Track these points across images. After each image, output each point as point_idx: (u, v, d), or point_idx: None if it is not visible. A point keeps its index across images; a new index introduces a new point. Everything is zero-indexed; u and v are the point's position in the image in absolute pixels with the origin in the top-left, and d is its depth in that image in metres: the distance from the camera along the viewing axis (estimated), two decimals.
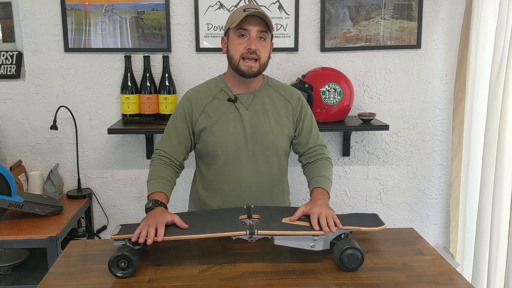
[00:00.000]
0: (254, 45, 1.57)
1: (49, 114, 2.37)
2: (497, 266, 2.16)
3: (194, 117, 1.67)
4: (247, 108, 1.66)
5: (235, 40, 1.60)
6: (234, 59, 1.60)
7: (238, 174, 1.65)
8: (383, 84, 2.45)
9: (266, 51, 1.61)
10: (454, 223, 2.47)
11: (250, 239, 1.34)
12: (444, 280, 1.25)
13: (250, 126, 1.65)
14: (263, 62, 1.61)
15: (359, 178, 2.54)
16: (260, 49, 1.58)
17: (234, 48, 1.60)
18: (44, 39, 2.33)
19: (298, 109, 1.71)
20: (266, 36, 1.61)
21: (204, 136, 1.65)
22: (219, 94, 1.68)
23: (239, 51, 1.58)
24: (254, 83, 1.68)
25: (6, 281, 2.03)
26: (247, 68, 1.59)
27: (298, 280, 1.25)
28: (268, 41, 1.63)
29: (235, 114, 1.65)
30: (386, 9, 2.37)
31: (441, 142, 2.51)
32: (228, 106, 1.66)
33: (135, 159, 2.45)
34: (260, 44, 1.59)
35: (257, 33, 1.58)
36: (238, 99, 1.66)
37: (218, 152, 1.64)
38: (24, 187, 2.33)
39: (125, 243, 1.32)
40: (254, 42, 1.57)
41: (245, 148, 1.64)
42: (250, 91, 1.68)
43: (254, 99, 1.67)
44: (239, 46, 1.58)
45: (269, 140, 1.65)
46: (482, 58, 2.29)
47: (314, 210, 1.41)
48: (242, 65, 1.59)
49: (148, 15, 2.32)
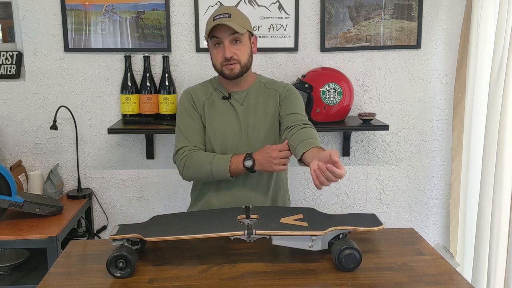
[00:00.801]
0: (228, 53, 1.63)
1: (49, 114, 2.38)
2: (497, 266, 2.16)
3: (199, 111, 1.76)
4: (241, 103, 1.74)
5: (213, 49, 1.68)
6: (216, 67, 1.70)
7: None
8: (383, 84, 2.45)
9: (244, 51, 1.66)
10: (454, 223, 2.47)
11: (248, 239, 1.34)
12: (444, 280, 1.25)
13: (245, 120, 1.72)
14: (244, 63, 1.67)
15: (359, 178, 2.54)
16: (236, 53, 1.64)
17: (214, 58, 1.70)
18: (44, 39, 2.33)
19: (284, 93, 1.76)
20: (240, 37, 1.64)
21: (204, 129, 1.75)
22: (214, 92, 1.77)
23: (218, 60, 1.67)
24: (246, 82, 1.75)
25: (6, 281, 2.03)
26: (229, 71, 1.67)
27: (298, 280, 1.25)
28: (244, 41, 1.66)
29: (230, 110, 1.73)
30: (386, 9, 2.37)
31: (441, 142, 2.51)
32: (224, 103, 1.74)
33: (135, 159, 2.45)
34: (236, 48, 1.65)
35: (230, 38, 1.63)
36: (232, 96, 1.74)
37: (217, 145, 1.72)
38: (24, 187, 2.33)
39: (123, 243, 1.32)
40: (228, 50, 1.63)
41: (241, 141, 1.72)
42: (243, 89, 1.75)
43: (248, 96, 1.75)
44: (217, 55, 1.67)
45: (260, 131, 1.72)
46: (482, 58, 2.29)
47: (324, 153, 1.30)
48: (225, 69, 1.67)
49: (148, 15, 2.32)
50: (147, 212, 2.50)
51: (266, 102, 1.75)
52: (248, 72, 1.72)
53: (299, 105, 1.73)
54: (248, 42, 1.68)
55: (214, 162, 1.64)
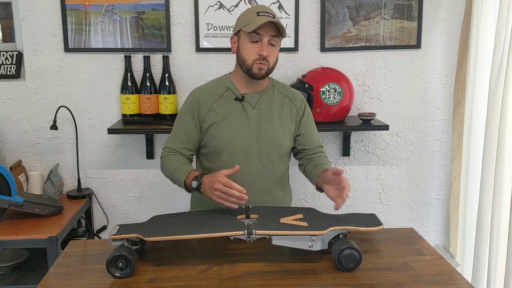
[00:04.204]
0: (266, 52, 1.62)
1: (49, 114, 2.38)
2: (497, 266, 2.16)
3: (202, 114, 1.70)
4: (253, 107, 1.70)
5: (248, 44, 1.64)
6: (246, 63, 1.65)
7: (242, 170, 1.67)
8: (383, 84, 2.45)
9: (275, 55, 1.67)
10: (454, 223, 2.47)
11: (248, 239, 1.34)
12: (444, 280, 1.25)
13: (256, 125, 1.69)
14: (271, 65, 1.67)
15: (359, 178, 2.54)
16: (270, 55, 1.63)
17: (246, 53, 1.64)
18: (44, 39, 2.33)
19: (302, 110, 1.77)
20: (277, 41, 1.66)
21: (211, 132, 1.69)
22: (226, 93, 1.72)
23: (252, 56, 1.63)
24: (261, 84, 1.73)
25: (6, 281, 2.03)
26: (259, 70, 1.64)
27: (298, 280, 1.25)
28: (278, 46, 1.68)
29: (241, 113, 1.69)
30: (386, 9, 2.37)
31: (441, 142, 2.51)
32: (235, 104, 1.70)
33: (135, 159, 2.45)
34: (271, 50, 1.64)
35: (269, 38, 1.63)
36: (245, 98, 1.70)
37: (224, 148, 1.68)
38: (24, 187, 2.33)
39: (123, 243, 1.32)
40: (266, 49, 1.62)
41: (250, 146, 1.68)
42: (256, 91, 1.72)
43: (261, 99, 1.72)
44: (252, 50, 1.63)
45: (274, 138, 1.70)
46: (482, 58, 2.29)
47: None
48: (255, 67, 1.63)
49: (148, 15, 2.32)
50: (147, 212, 2.50)
51: (281, 110, 1.73)
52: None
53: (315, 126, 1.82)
54: (279, 49, 1.69)
55: (177, 171, 1.62)
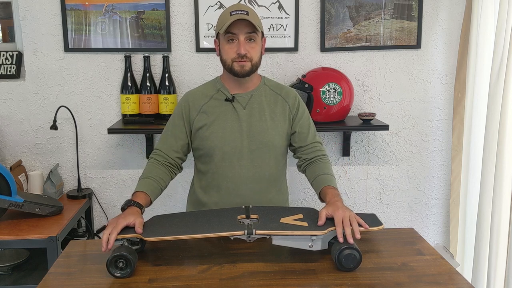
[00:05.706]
0: (243, 50, 1.60)
1: (49, 114, 2.38)
2: (497, 266, 2.16)
3: (192, 116, 1.70)
4: (244, 107, 1.69)
5: (225, 45, 1.64)
6: (227, 63, 1.65)
7: (234, 171, 1.67)
8: (383, 84, 2.45)
9: (256, 51, 1.65)
10: (454, 223, 2.47)
11: (248, 239, 1.34)
12: (444, 280, 1.25)
13: (247, 125, 1.67)
14: (255, 62, 1.65)
15: (359, 178, 2.54)
16: (250, 51, 1.62)
17: (225, 53, 1.65)
18: (44, 39, 2.33)
19: (295, 108, 1.74)
20: (255, 36, 1.63)
21: (201, 134, 1.68)
22: (216, 94, 1.71)
23: (230, 56, 1.63)
24: (251, 83, 1.71)
25: (6, 281, 2.03)
26: (240, 68, 1.63)
27: (298, 280, 1.25)
28: (258, 40, 1.65)
29: (232, 113, 1.68)
30: (386, 9, 2.37)
31: (441, 142, 2.51)
32: (226, 105, 1.69)
33: (135, 159, 2.45)
34: (250, 46, 1.63)
35: (245, 36, 1.61)
36: (235, 99, 1.69)
37: (215, 149, 1.67)
38: (24, 187, 2.33)
39: (123, 243, 1.32)
40: (243, 47, 1.61)
41: (242, 146, 1.67)
42: (247, 91, 1.71)
43: (251, 99, 1.70)
44: (229, 50, 1.63)
45: (266, 138, 1.68)
46: (482, 58, 2.29)
47: (338, 213, 1.37)
48: (235, 66, 1.63)
49: (148, 15, 2.33)
50: (147, 212, 2.49)
51: (273, 109, 1.70)
52: (255, 73, 1.70)
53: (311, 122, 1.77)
54: (261, 42, 1.67)
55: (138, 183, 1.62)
